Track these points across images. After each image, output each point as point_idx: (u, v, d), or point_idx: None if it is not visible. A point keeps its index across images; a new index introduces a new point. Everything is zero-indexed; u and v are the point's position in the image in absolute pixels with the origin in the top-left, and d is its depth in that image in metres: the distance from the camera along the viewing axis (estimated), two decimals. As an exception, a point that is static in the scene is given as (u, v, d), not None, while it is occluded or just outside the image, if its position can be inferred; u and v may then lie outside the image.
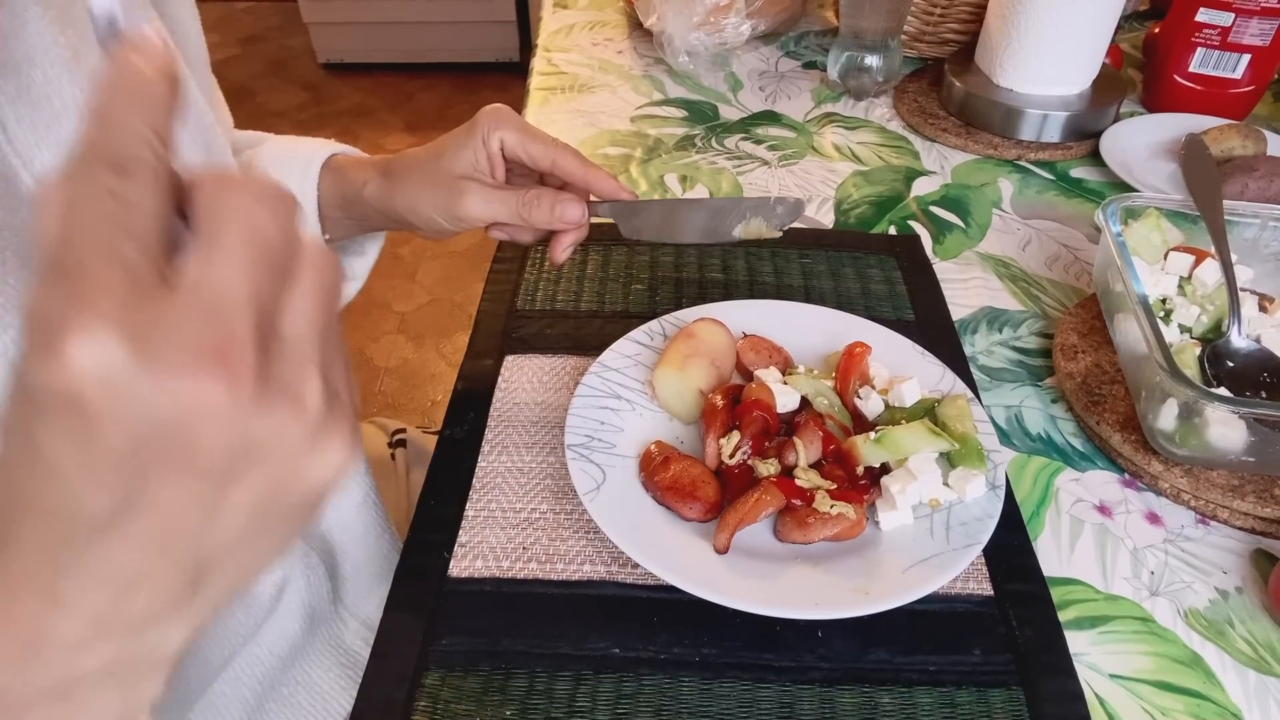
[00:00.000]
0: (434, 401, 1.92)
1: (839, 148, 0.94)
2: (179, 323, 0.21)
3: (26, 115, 0.38)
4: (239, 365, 0.22)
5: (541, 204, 0.55)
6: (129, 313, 0.21)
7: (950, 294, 0.74)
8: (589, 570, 0.52)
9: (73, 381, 0.20)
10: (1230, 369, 0.60)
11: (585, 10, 1.23)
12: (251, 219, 0.23)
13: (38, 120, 0.38)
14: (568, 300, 0.71)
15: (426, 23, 2.98)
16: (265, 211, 0.23)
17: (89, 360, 0.20)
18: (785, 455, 0.54)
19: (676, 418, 0.59)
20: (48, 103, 0.39)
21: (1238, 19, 0.89)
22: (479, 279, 0.73)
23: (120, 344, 0.20)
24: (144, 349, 0.21)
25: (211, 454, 0.22)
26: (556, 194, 0.55)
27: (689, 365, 0.57)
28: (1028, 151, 0.92)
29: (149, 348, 0.21)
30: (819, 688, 0.47)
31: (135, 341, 0.21)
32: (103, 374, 0.20)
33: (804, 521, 0.50)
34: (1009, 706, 0.46)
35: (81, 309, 0.20)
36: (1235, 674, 0.49)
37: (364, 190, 0.59)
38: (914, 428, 0.53)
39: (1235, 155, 0.84)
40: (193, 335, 0.21)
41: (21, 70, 0.38)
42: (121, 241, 0.22)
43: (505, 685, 0.47)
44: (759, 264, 0.76)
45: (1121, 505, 0.58)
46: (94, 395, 0.21)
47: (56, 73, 0.39)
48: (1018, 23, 0.89)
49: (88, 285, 0.21)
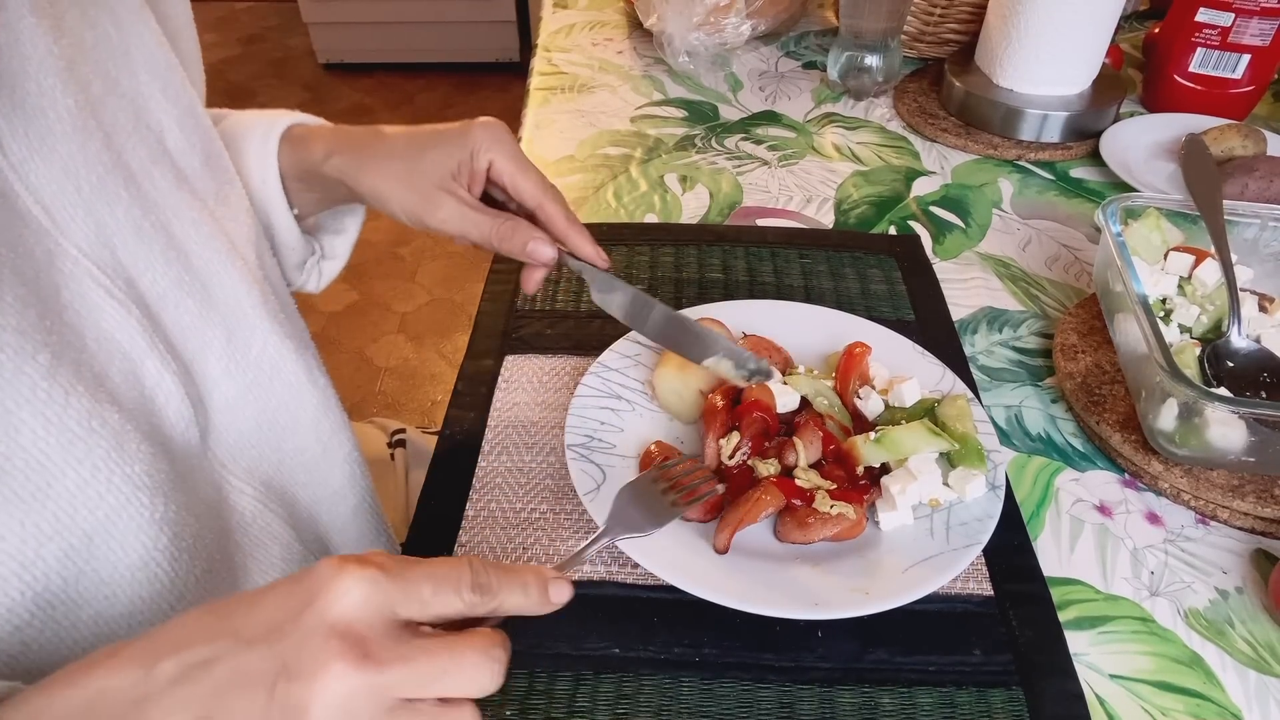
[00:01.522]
0: (434, 401, 1.92)
1: (839, 148, 0.94)
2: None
3: (20, 128, 0.38)
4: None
5: (516, 237, 0.53)
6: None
7: (950, 294, 0.74)
8: (589, 570, 0.52)
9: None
10: (1230, 369, 0.60)
11: (585, 10, 1.23)
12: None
13: (32, 133, 0.38)
14: (568, 300, 0.71)
15: (426, 23, 2.98)
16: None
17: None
18: (785, 455, 0.54)
19: (676, 418, 0.59)
20: (42, 116, 0.39)
21: (1238, 19, 0.89)
22: (479, 279, 0.73)
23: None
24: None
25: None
26: (532, 230, 0.53)
27: (689, 365, 0.57)
28: (1028, 151, 0.92)
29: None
30: (819, 688, 0.47)
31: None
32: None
33: (804, 521, 0.50)
34: (1009, 706, 0.46)
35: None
36: (1235, 674, 0.49)
37: (325, 164, 0.56)
38: (914, 428, 0.53)
39: (1235, 155, 0.84)
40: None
41: (16, 83, 0.38)
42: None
43: (505, 685, 0.47)
44: (759, 264, 0.76)
45: (1121, 505, 0.58)
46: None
47: (51, 84, 0.39)
48: (1018, 23, 0.89)
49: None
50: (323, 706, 0.29)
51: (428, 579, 0.33)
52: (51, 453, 0.36)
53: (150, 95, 0.47)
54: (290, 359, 0.53)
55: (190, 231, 0.47)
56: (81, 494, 0.38)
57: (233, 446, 0.50)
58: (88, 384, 0.39)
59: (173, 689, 0.30)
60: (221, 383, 0.49)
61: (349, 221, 0.67)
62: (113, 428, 0.39)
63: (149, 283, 0.44)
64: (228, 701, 0.30)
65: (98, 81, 0.43)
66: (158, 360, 0.43)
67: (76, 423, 0.37)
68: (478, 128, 0.54)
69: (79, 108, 0.41)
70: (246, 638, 0.31)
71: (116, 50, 0.45)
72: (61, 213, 0.40)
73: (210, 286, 0.48)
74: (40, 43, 0.39)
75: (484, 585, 0.34)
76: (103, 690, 0.31)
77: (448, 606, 0.33)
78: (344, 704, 0.30)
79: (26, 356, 0.36)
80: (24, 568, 0.36)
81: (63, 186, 0.40)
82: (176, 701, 0.30)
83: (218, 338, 0.48)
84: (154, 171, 0.46)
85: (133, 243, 0.43)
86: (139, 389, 0.42)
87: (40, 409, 0.36)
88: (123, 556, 0.40)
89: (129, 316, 0.42)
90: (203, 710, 0.30)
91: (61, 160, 0.40)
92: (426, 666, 0.31)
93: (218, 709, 0.30)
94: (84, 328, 0.40)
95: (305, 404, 0.55)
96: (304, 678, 0.30)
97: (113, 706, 0.30)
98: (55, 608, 0.38)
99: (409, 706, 0.31)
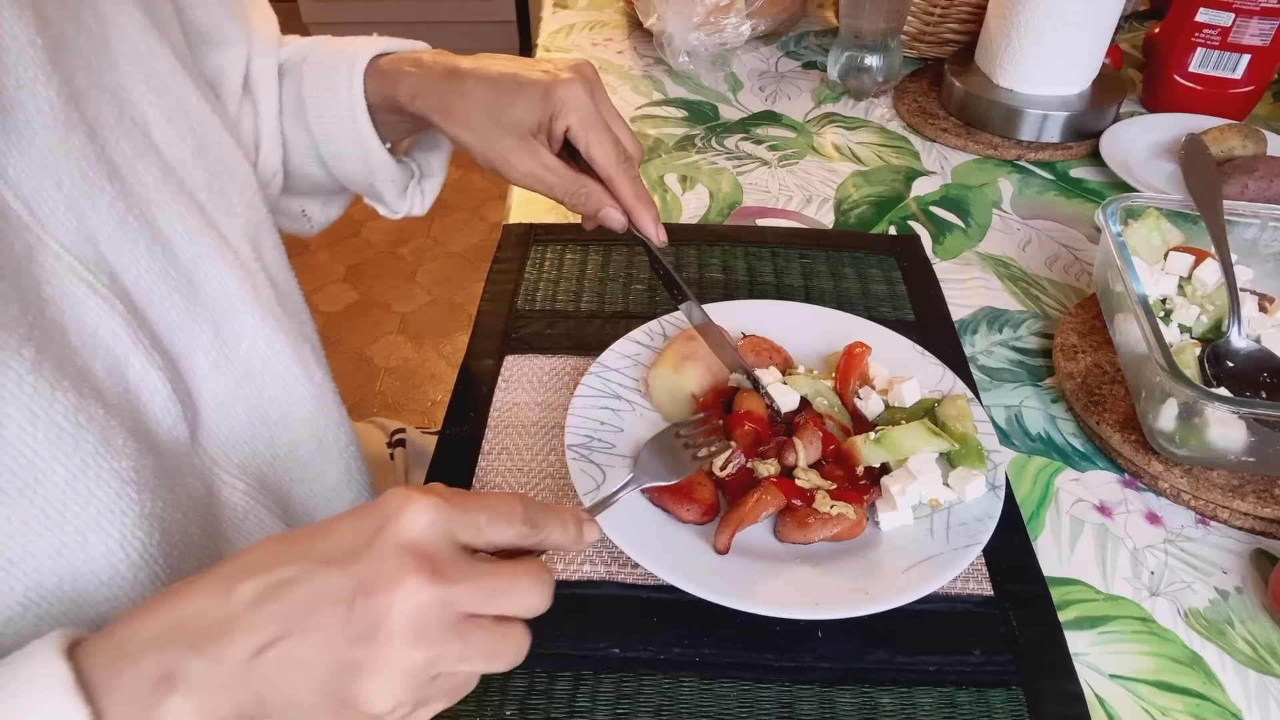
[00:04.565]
0: (434, 401, 1.92)
1: (839, 148, 0.94)
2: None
3: None
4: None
5: (590, 203, 0.54)
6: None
7: (950, 294, 0.74)
8: (589, 570, 0.52)
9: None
10: (1230, 369, 0.60)
11: (585, 10, 1.23)
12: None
13: (9, 126, 0.38)
14: (568, 300, 0.71)
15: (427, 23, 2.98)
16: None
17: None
18: (785, 455, 0.54)
19: (668, 418, 0.59)
20: (20, 108, 0.39)
21: (1238, 19, 0.89)
22: (479, 279, 0.73)
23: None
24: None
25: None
26: (604, 197, 0.54)
27: (684, 367, 0.57)
28: (1028, 151, 0.92)
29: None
30: (819, 688, 0.47)
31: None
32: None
33: (804, 522, 0.50)
34: (1009, 706, 0.46)
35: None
36: (1235, 674, 0.49)
37: (410, 105, 0.57)
38: (914, 428, 0.53)
39: (1235, 155, 0.84)
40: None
41: None
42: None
43: (505, 685, 0.47)
44: (759, 264, 0.76)
45: (1121, 505, 0.58)
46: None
47: (30, 75, 0.39)
48: (1018, 23, 0.89)
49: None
50: (399, 617, 0.31)
51: (484, 509, 0.35)
52: (39, 448, 0.36)
53: (133, 88, 0.46)
54: (283, 353, 0.53)
55: (177, 225, 0.47)
56: (71, 489, 0.37)
57: (224, 442, 0.50)
58: (72, 379, 0.38)
59: (255, 608, 0.32)
60: (210, 378, 0.48)
61: (442, 138, 0.67)
62: (99, 423, 0.39)
63: (133, 278, 0.44)
64: (309, 618, 0.32)
65: (80, 74, 0.43)
66: (143, 356, 0.43)
67: (63, 418, 0.37)
68: (560, 87, 0.53)
69: (61, 100, 0.40)
70: (322, 560, 0.33)
71: (98, 42, 0.45)
72: (42, 207, 0.39)
73: (197, 281, 0.48)
74: (21, 34, 0.39)
75: (532, 519, 0.36)
76: (185, 616, 0.32)
77: (500, 536, 0.35)
78: (417, 615, 0.32)
79: (11, 351, 0.36)
80: (12, 563, 0.36)
81: (42, 180, 0.40)
82: (259, 619, 0.32)
83: (205, 333, 0.48)
84: (138, 165, 0.45)
85: (116, 237, 0.43)
86: (123, 385, 0.42)
87: (26, 404, 0.36)
88: (117, 553, 0.39)
89: (112, 312, 0.41)
90: (284, 626, 0.31)
91: (41, 154, 0.39)
92: (488, 584, 0.33)
93: (299, 625, 0.31)
94: (66, 323, 0.40)
95: (299, 399, 0.55)
96: (381, 591, 0.31)
97: (196, 630, 0.32)
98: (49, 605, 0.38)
99: (471, 622, 0.33)
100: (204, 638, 0.32)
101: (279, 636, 0.31)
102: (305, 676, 0.31)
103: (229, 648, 0.31)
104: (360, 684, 0.31)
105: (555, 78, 0.53)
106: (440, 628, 0.32)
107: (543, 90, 0.52)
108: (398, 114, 0.59)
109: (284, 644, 0.31)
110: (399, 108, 0.58)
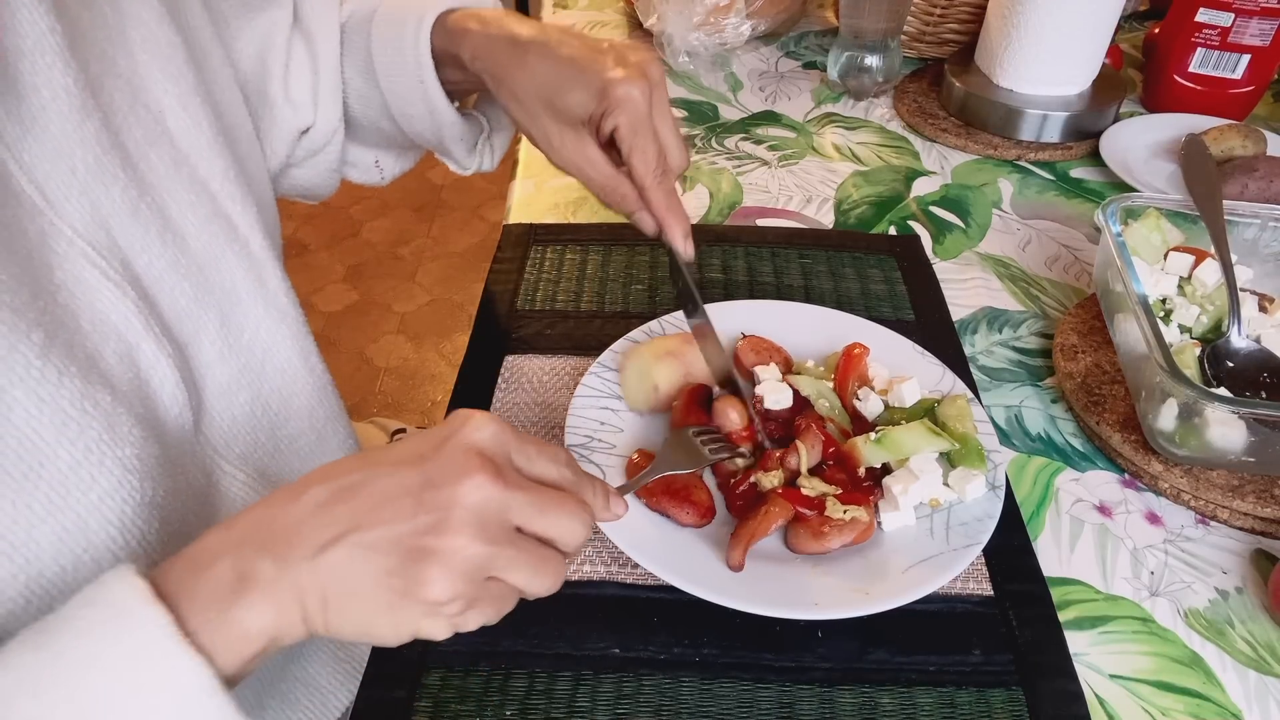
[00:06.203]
0: (434, 401, 1.92)
1: (839, 148, 0.94)
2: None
3: (14, 108, 0.38)
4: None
5: (625, 204, 0.54)
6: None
7: (950, 294, 0.74)
8: (589, 570, 0.52)
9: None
10: (1230, 369, 0.60)
11: (585, 10, 1.23)
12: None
13: (24, 113, 0.38)
14: (568, 300, 0.71)
15: (426, 23, 2.98)
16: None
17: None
18: (788, 459, 0.53)
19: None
20: (36, 94, 0.39)
21: (1238, 19, 0.89)
22: (479, 279, 0.73)
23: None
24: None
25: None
26: (640, 200, 0.54)
27: (664, 360, 0.57)
28: (1028, 152, 0.92)
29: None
30: (819, 688, 0.47)
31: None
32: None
33: (819, 531, 0.50)
34: (1009, 706, 0.46)
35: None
36: (1235, 674, 0.49)
37: (471, 65, 0.56)
38: (914, 428, 0.53)
39: (1235, 155, 0.84)
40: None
41: (9, 62, 0.38)
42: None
43: (505, 685, 0.47)
44: (759, 264, 0.76)
45: (1121, 505, 0.58)
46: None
47: (48, 62, 0.39)
48: (1018, 23, 0.89)
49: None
50: (464, 508, 0.33)
51: (534, 442, 0.37)
52: (44, 432, 0.36)
53: (149, 75, 0.46)
54: (284, 344, 0.53)
55: (187, 214, 0.47)
56: (74, 475, 0.37)
57: (226, 432, 0.50)
58: (80, 365, 0.38)
59: (324, 508, 0.34)
60: (215, 367, 0.48)
61: (498, 138, 0.67)
62: (105, 410, 0.39)
63: (145, 264, 0.44)
64: (377, 511, 0.33)
65: (95, 62, 0.43)
66: (154, 343, 0.43)
67: (69, 403, 0.37)
68: (618, 86, 0.50)
69: (78, 87, 0.41)
70: (392, 463, 0.35)
71: (113, 30, 0.45)
72: (55, 192, 0.40)
73: (206, 269, 0.48)
74: (40, 21, 0.39)
75: (575, 468, 0.39)
76: (256, 520, 0.34)
77: (546, 471, 0.37)
78: (480, 508, 0.34)
79: (20, 334, 0.36)
80: (14, 549, 0.36)
81: (56, 166, 0.40)
82: (328, 518, 0.33)
83: (211, 321, 0.48)
84: (151, 153, 0.45)
85: (129, 224, 0.43)
86: (134, 371, 0.42)
87: (34, 388, 0.36)
88: (117, 540, 0.39)
89: (125, 298, 0.42)
90: (353, 521, 0.33)
91: (55, 140, 0.40)
92: (540, 499, 0.35)
93: (368, 518, 0.33)
94: (78, 309, 0.40)
95: (299, 390, 0.55)
96: (449, 484, 0.34)
97: (267, 533, 0.34)
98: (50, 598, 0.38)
99: (519, 536, 0.35)
100: (275, 539, 0.33)
101: (347, 530, 0.33)
102: (369, 566, 0.33)
103: (298, 547, 0.33)
104: (424, 569, 0.32)
105: (616, 74, 0.51)
106: (498, 527, 0.34)
107: (601, 85, 0.51)
108: (462, 70, 0.58)
109: (352, 536, 0.33)
110: (462, 64, 0.57)
